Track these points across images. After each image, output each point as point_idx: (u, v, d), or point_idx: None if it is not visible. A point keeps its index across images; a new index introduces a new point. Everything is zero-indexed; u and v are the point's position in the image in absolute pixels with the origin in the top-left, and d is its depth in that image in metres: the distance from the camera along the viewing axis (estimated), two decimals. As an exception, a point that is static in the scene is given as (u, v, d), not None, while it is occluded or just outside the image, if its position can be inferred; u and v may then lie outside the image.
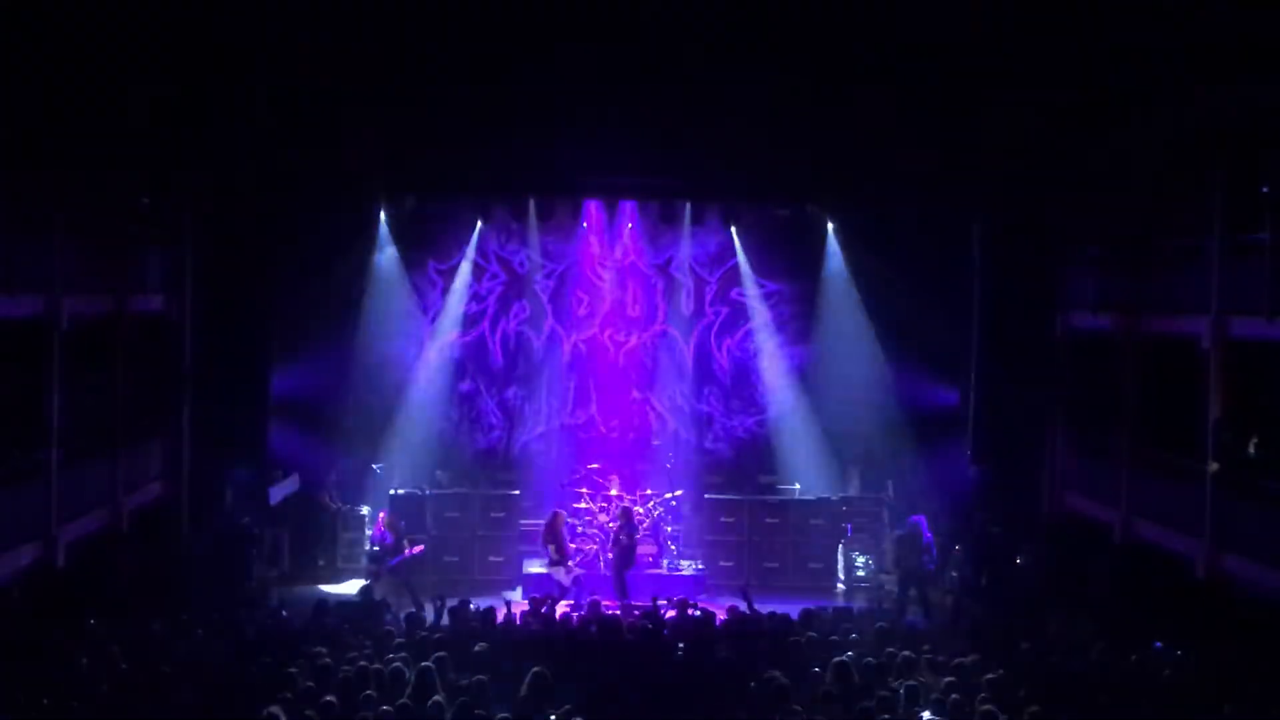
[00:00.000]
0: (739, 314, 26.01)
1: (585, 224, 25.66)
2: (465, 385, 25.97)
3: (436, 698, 13.81)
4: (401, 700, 13.86)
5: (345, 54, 18.97)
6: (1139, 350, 20.22)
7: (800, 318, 25.89)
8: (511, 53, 19.21)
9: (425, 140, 21.28)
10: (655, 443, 25.43)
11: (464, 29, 18.69)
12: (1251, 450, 17.48)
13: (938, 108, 20.08)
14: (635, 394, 26.04)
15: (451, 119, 20.86)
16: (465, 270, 25.58)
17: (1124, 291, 20.46)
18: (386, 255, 25.04)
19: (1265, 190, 16.94)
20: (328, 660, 15.25)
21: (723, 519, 24.33)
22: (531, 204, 25.18)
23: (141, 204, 21.09)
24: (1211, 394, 17.91)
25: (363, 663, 15.06)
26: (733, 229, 25.59)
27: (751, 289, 25.89)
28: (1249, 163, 17.52)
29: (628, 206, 25.48)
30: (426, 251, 25.67)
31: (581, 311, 26.05)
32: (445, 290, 25.79)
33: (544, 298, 26.00)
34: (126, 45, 17.72)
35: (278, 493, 23.29)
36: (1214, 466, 17.62)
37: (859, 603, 21.79)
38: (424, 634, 17.05)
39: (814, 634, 17.26)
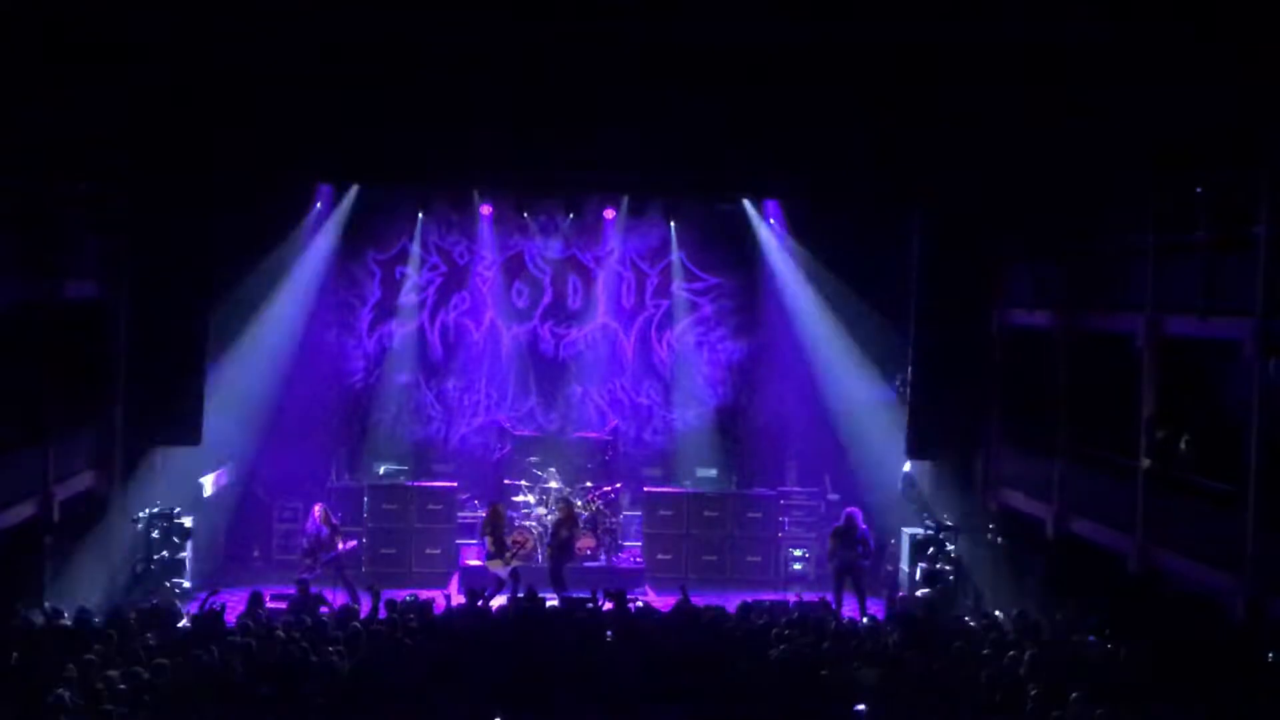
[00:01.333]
0: (679, 307, 26.04)
1: (525, 215, 25.57)
2: (403, 377, 25.83)
3: (368, 692, 13.75)
4: (336, 691, 13.79)
5: (287, 41, 18.81)
6: (1074, 347, 20.41)
7: (740, 311, 25.99)
8: (455, 43, 19.12)
9: (367, 130, 21.14)
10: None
11: (407, 18, 18.60)
12: (1183, 447, 17.69)
13: (878, 104, 20.18)
14: (575, 386, 26.01)
15: (394, 109, 20.73)
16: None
17: (1060, 288, 20.64)
18: (325, 244, 24.81)
19: (1199, 190, 17.13)
20: (262, 652, 15.17)
21: (661, 512, 24.36)
22: (474, 195, 25.06)
23: (77, 189, 20.75)
24: (1145, 391, 18.11)
25: (298, 655, 14.95)
26: (672, 223, 25.61)
27: (692, 283, 25.95)
28: (1184, 163, 17.72)
29: (568, 199, 25.39)
30: (365, 241, 25.50)
31: (521, 304, 25.98)
32: (383, 280, 25.65)
33: (484, 289, 25.92)
34: (64, 30, 17.48)
35: (212, 483, 23.05)
36: (1146, 463, 17.82)
37: (795, 595, 21.86)
38: (359, 626, 16.95)
39: (751, 626, 17.32)
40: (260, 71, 19.55)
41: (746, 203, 25.12)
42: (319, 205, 24.52)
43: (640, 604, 19.08)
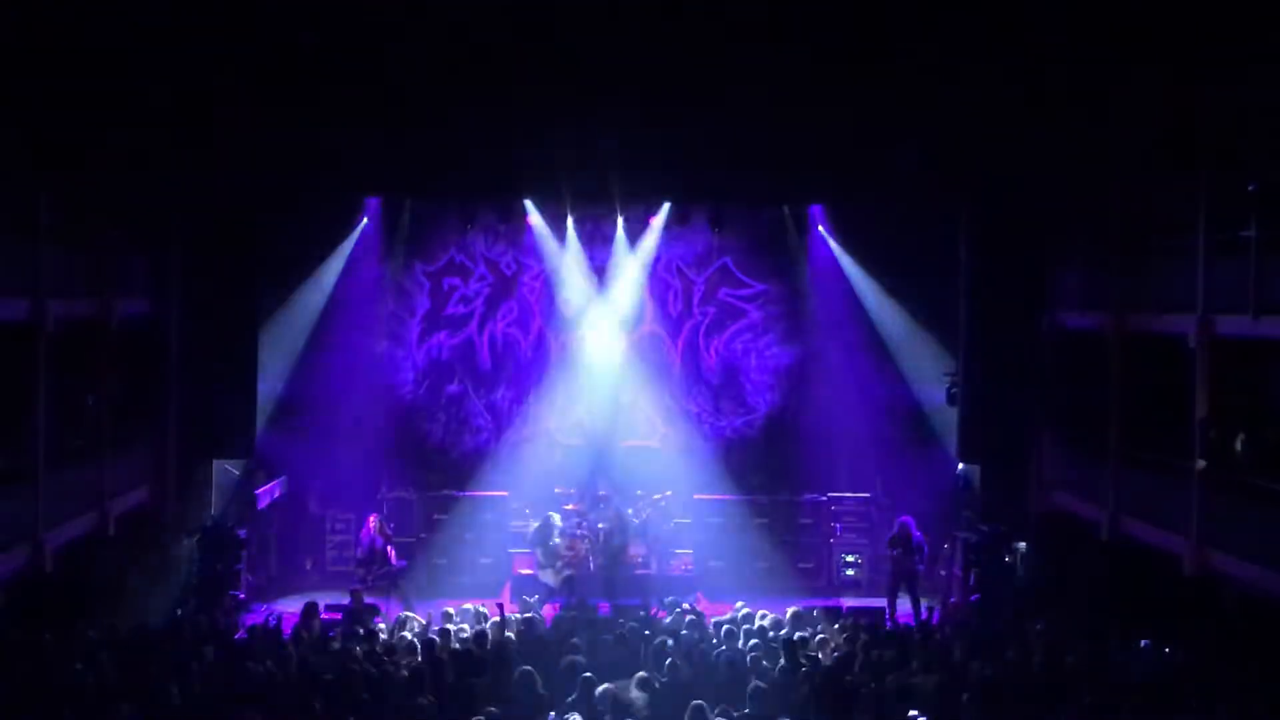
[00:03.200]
0: (727, 314, 26.01)
1: (571, 223, 25.60)
2: (453, 387, 25.93)
3: (423, 700, 13.80)
4: (392, 702, 13.86)
5: (331, 55, 18.94)
6: (1126, 348, 20.25)
7: (788, 317, 25.91)
8: (497, 54, 19.19)
9: (411, 143, 21.23)
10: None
11: (449, 30, 18.68)
12: (1238, 447, 17.51)
13: (925, 105, 20.09)
14: (623, 395, 25.99)
15: (437, 121, 20.82)
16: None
17: (1111, 290, 20.50)
18: (373, 257, 24.98)
19: (1252, 188, 16.97)
20: (317, 663, 15.26)
21: (712, 519, 24.31)
22: (526, 205, 25.08)
23: (127, 207, 20.99)
24: (1198, 392, 17.94)
25: (353, 666, 15.03)
26: (717, 229, 25.57)
27: (739, 289, 25.92)
28: (1236, 160, 17.55)
29: (615, 207, 25.40)
30: (413, 253, 25.62)
31: (569, 313, 26.00)
32: (432, 292, 25.77)
33: (531, 299, 25.98)
34: (111, 50, 17.68)
35: (265, 496, 23.24)
36: (1201, 464, 17.66)
37: (849, 602, 21.82)
38: (414, 637, 17.04)
39: (804, 633, 17.28)
40: (306, 85, 19.69)
41: (785, 209, 25.09)
42: (365, 220, 24.69)
43: (689, 607, 19.06)
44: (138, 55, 18.18)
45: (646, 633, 16.94)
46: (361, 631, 17.40)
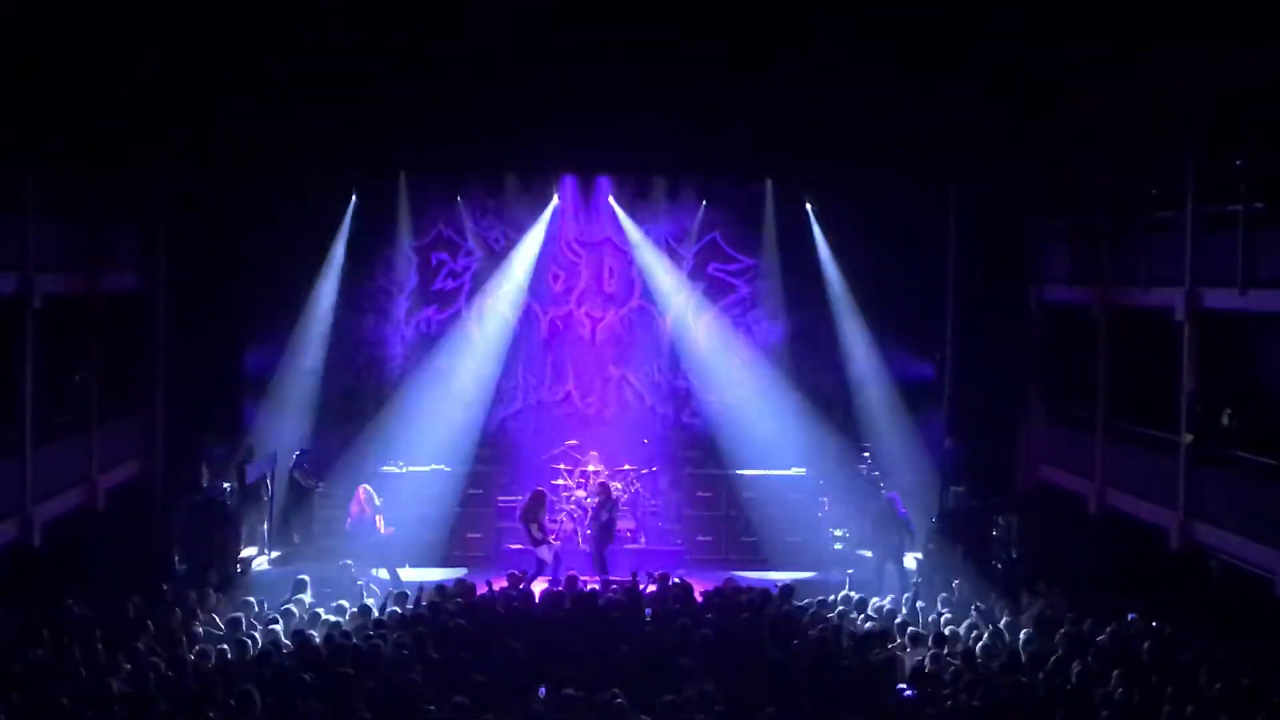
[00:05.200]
0: (715, 289, 25.97)
1: (558, 199, 25.54)
2: (441, 362, 25.88)
3: (414, 675, 13.83)
4: (379, 675, 13.89)
5: (317, 29, 18.87)
6: (1113, 322, 20.31)
7: (776, 292, 25.88)
8: (484, 27, 19.14)
9: (399, 116, 21.18)
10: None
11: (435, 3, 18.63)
12: (1225, 421, 17.59)
13: (912, 80, 20.07)
14: (612, 370, 26.00)
15: (425, 95, 20.76)
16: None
17: (1098, 264, 20.54)
18: (361, 232, 24.90)
19: (1239, 162, 17.00)
20: (306, 636, 15.29)
21: (700, 494, 24.34)
22: (514, 180, 25.02)
23: (115, 183, 20.92)
24: (1185, 365, 18.01)
25: (340, 639, 15.07)
26: (704, 203, 25.53)
27: (727, 264, 25.90)
28: (1223, 134, 17.58)
29: (603, 182, 25.38)
30: (401, 228, 25.54)
31: (558, 288, 25.97)
32: (420, 267, 25.71)
33: (520, 274, 25.88)
34: (100, 25, 17.60)
35: (253, 471, 23.22)
36: (1188, 437, 17.73)
37: (836, 576, 21.87)
38: (402, 611, 17.08)
39: (792, 607, 17.34)
40: (293, 62, 19.62)
41: (769, 183, 25.09)
42: (355, 199, 24.59)
43: (679, 583, 19.10)
44: (125, 35, 18.10)
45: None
46: (351, 606, 17.42)
